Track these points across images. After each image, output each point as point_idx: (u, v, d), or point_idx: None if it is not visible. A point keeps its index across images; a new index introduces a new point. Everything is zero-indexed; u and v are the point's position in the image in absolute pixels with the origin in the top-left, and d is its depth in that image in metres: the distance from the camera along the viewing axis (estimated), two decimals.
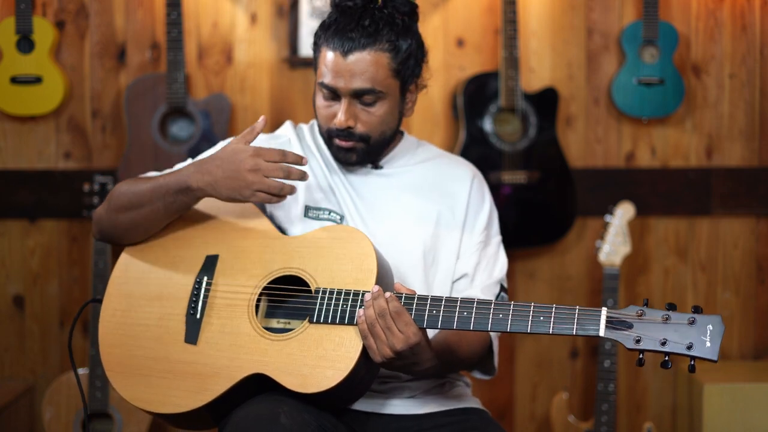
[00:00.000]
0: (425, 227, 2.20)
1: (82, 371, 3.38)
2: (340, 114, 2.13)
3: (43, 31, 3.47)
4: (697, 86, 3.69)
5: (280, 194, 2.00)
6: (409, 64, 2.16)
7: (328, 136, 2.18)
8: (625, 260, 3.49)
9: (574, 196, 3.58)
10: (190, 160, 2.21)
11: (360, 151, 2.17)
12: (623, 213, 3.43)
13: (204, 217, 2.13)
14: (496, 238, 2.29)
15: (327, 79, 2.12)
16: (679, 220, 3.72)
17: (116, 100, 3.60)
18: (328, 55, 2.12)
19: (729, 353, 3.71)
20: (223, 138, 3.12)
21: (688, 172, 3.69)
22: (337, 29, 2.11)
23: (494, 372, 2.24)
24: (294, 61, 3.61)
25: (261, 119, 2.07)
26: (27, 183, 3.60)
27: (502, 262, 2.27)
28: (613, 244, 3.42)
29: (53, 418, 3.40)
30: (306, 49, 3.59)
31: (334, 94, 2.14)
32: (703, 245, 3.72)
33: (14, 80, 3.47)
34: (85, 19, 3.60)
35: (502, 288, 2.25)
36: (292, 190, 2.02)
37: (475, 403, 2.22)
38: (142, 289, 2.08)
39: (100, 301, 2.13)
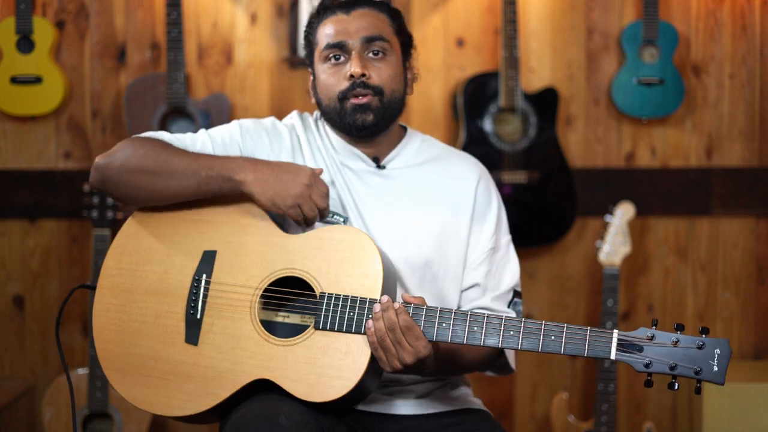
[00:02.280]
0: (428, 234, 2.15)
1: (82, 371, 3.38)
2: (354, 65, 2.11)
3: (43, 31, 3.47)
4: (697, 86, 3.69)
5: (309, 221, 2.03)
6: (405, 33, 2.22)
7: (341, 99, 2.13)
8: (625, 260, 3.49)
9: (574, 196, 3.58)
10: (203, 131, 2.17)
11: (376, 110, 2.12)
12: (623, 213, 3.43)
13: (201, 209, 2.07)
14: (505, 237, 2.26)
15: (333, 39, 2.13)
16: (679, 220, 3.72)
17: (116, 100, 3.60)
18: (329, 23, 2.15)
19: None
20: None
21: (688, 172, 3.69)
22: (331, 4, 2.18)
23: (511, 370, 2.20)
24: (294, 61, 3.61)
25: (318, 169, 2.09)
26: (27, 183, 3.60)
27: (513, 265, 2.24)
28: (613, 244, 3.42)
29: (53, 418, 3.39)
30: None
31: (342, 53, 2.13)
32: (703, 245, 3.72)
33: (14, 80, 3.47)
34: (85, 19, 3.60)
35: (515, 293, 2.22)
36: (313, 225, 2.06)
37: (477, 404, 2.21)
38: (136, 282, 2.03)
39: (89, 287, 2.09)
